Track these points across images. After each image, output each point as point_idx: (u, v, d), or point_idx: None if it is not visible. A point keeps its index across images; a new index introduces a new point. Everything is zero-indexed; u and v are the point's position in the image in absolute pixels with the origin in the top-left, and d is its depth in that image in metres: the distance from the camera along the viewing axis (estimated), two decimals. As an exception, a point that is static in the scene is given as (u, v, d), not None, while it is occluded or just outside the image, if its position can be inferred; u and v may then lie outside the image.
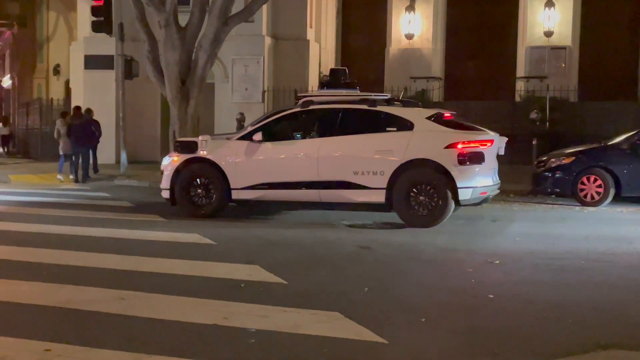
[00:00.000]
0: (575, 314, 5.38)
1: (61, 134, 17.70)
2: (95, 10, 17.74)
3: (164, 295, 5.89)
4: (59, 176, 17.78)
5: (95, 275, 6.63)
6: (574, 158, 12.75)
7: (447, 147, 9.66)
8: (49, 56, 34.40)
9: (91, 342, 4.67)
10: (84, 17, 22.69)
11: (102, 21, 17.59)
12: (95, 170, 18.23)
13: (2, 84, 43.88)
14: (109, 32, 17.83)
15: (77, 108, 18.45)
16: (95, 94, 22.20)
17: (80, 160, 17.37)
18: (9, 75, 40.38)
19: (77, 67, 23.85)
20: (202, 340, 4.78)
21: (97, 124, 18.25)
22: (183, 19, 15.92)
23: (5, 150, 31.49)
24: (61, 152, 17.81)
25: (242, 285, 6.28)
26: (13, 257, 7.53)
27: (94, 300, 5.68)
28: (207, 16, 15.69)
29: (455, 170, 9.58)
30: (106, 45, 21.01)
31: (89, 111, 18.34)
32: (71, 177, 17.34)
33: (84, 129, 17.40)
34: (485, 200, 10.27)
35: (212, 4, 15.53)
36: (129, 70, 17.96)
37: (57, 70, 33.72)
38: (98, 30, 18.04)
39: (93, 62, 22.61)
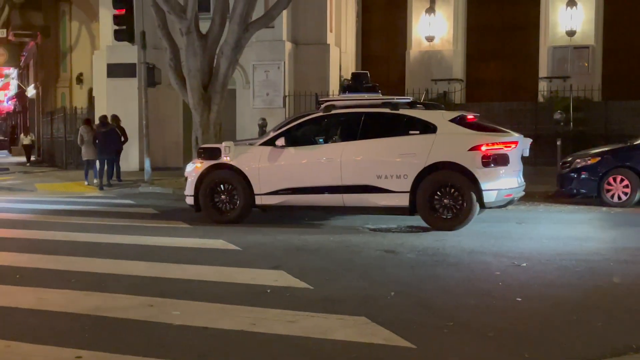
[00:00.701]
0: (606, 317, 5.32)
1: (84, 140, 18.12)
2: (117, 19, 17.93)
3: (191, 301, 5.92)
4: (86, 182, 18.39)
5: (123, 282, 6.68)
6: (599, 158, 12.62)
7: (471, 149, 9.61)
8: (72, 65, 34.78)
9: (121, 348, 4.71)
10: (106, 26, 22.96)
11: (124, 30, 17.77)
12: (119, 179, 18.55)
13: (26, 93, 44.47)
14: (131, 40, 18.00)
15: (104, 117, 18.80)
16: (118, 101, 22.44)
17: (105, 167, 17.83)
18: (33, 85, 40.91)
19: (100, 75, 24.11)
20: (230, 346, 4.80)
21: (122, 130, 18.71)
22: (204, 26, 16.03)
23: (28, 159, 31.93)
24: (84, 159, 18.42)
25: (269, 290, 6.29)
26: (41, 265, 7.63)
27: (122, 307, 5.73)
28: (228, 23, 15.77)
29: (479, 173, 9.53)
30: (128, 53, 21.28)
31: (115, 118, 18.73)
32: (95, 181, 17.70)
33: (109, 137, 17.81)
34: (510, 202, 10.20)
35: (233, 10, 15.62)
36: (151, 77, 18.13)
37: (80, 79, 34.10)
38: (120, 39, 18.23)
39: (116, 70, 22.86)
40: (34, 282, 6.74)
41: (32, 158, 32.84)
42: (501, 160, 9.62)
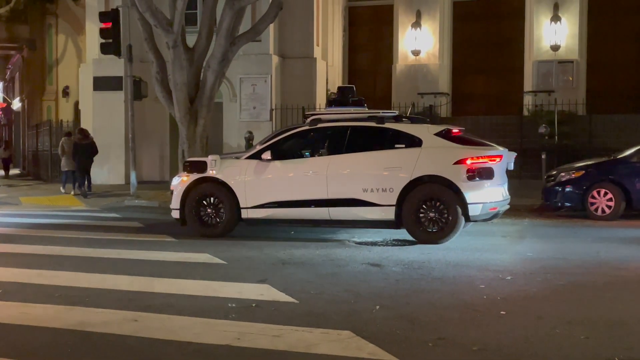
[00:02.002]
0: (588, 330, 5.35)
1: (65, 151, 18.98)
2: (103, 33, 17.93)
3: (176, 316, 5.89)
4: (62, 189, 19.36)
5: (107, 297, 6.65)
6: (583, 172, 12.73)
7: (456, 163, 9.66)
8: (58, 78, 34.65)
9: (104, 364, 4.68)
10: (92, 39, 22.89)
11: (111, 43, 17.76)
12: (89, 191, 18.95)
13: (12, 106, 44.23)
14: (118, 53, 17.99)
15: (85, 130, 19.51)
16: (104, 115, 22.42)
17: (84, 179, 18.80)
18: (18, 98, 40.71)
19: (86, 88, 24.04)
20: (215, 361, 4.78)
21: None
22: (191, 40, 16.07)
23: (5, 173, 31.73)
24: (63, 169, 19.51)
25: (254, 305, 6.28)
26: (25, 280, 7.56)
27: (107, 322, 5.70)
28: (215, 36, 15.82)
29: (464, 186, 9.58)
30: (115, 66, 21.26)
31: (81, 131, 19.24)
32: (71, 192, 18.63)
33: (89, 149, 18.76)
34: (495, 216, 10.24)
35: (220, 24, 15.66)
36: (138, 91, 18.12)
37: (66, 92, 33.98)
38: (107, 52, 18.22)
39: (102, 83, 22.82)
40: (17, 297, 6.68)
41: (17, 171, 32.56)
42: (486, 173, 9.68)
